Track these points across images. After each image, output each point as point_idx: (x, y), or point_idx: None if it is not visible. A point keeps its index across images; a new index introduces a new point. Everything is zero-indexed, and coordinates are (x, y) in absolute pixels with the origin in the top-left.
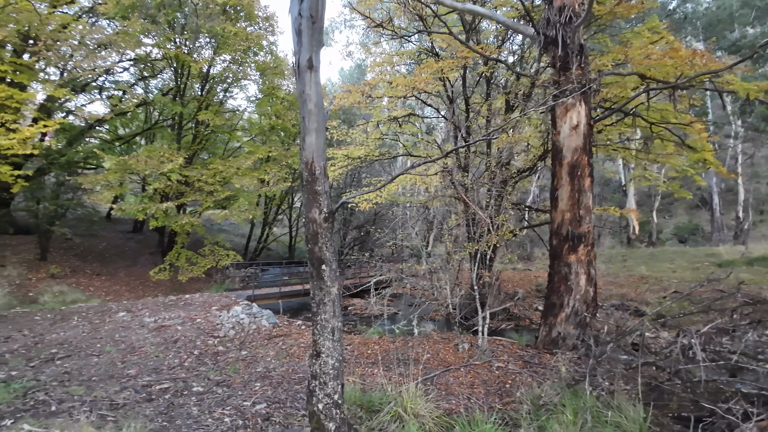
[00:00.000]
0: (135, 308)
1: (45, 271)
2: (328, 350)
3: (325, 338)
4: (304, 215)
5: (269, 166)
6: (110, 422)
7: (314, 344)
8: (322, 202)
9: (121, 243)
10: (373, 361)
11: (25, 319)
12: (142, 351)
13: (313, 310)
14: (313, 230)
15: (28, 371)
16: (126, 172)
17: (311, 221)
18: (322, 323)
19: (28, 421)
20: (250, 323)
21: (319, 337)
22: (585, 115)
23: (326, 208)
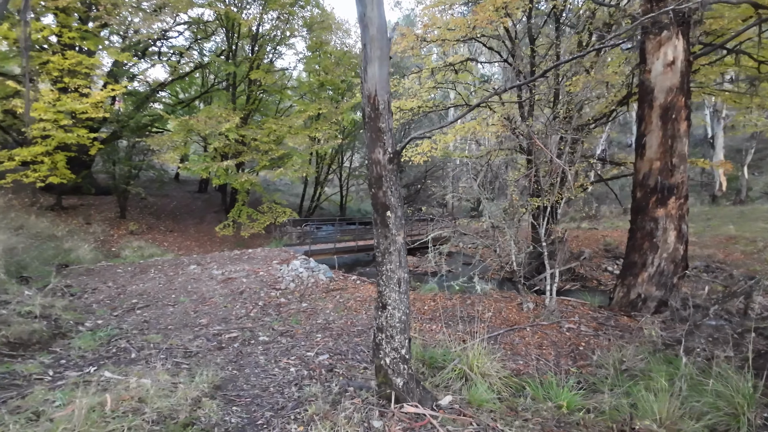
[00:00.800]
0: (204, 262)
1: (125, 228)
2: (395, 302)
3: (391, 290)
4: (366, 156)
5: (319, 123)
6: (184, 370)
7: (379, 296)
8: (386, 141)
9: (189, 202)
10: (431, 317)
11: (110, 272)
12: (212, 301)
13: (377, 260)
14: (377, 173)
15: (112, 320)
16: (188, 133)
17: (374, 163)
18: (388, 274)
19: (109, 368)
20: (308, 277)
21: (384, 289)
22: (683, 50)
23: (390, 148)
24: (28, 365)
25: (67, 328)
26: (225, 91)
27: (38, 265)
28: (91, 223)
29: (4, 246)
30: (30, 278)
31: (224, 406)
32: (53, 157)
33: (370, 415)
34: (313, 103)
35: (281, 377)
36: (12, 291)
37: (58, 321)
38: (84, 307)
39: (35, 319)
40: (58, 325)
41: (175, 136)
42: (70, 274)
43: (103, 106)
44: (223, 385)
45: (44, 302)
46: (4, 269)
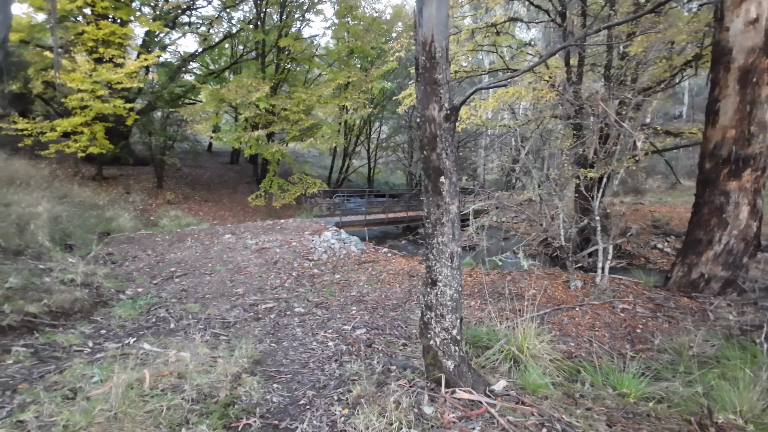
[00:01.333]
0: (238, 231)
1: (162, 198)
2: (446, 278)
3: (443, 265)
4: (419, 114)
5: (348, 92)
6: (223, 342)
7: (429, 271)
8: (442, 96)
9: (222, 173)
10: (469, 293)
11: (149, 240)
12: (247, 271)
13: (426, 232)
14: (430, 132)
15: (152, 288)
16: (219, 102)
17: (428, 121)
18: (439, 247)
19: (149, 339)
20: (340, 248)
21: (435, 263)
22: None
23: (447, 103)
24: (68, 335)
25: (108, 296)
26: (254, 61)
27: (81, 233)
28: (130, 192)
29: (50, 214)
30: (74, 246)
31: (264, 383)
32: (92, 128)
33: (420, 399)
34: (342, 71)
35: (320, 352)
36: (56, 258)
37: (99, 289)
38: (125, 275)
39: (77, 287)
40: (99, 293)
41: (206, 106)
42: (111, 242)
43: (137, 76)
44: (262, 359)
45: (86, 270)
46: (50, 237)
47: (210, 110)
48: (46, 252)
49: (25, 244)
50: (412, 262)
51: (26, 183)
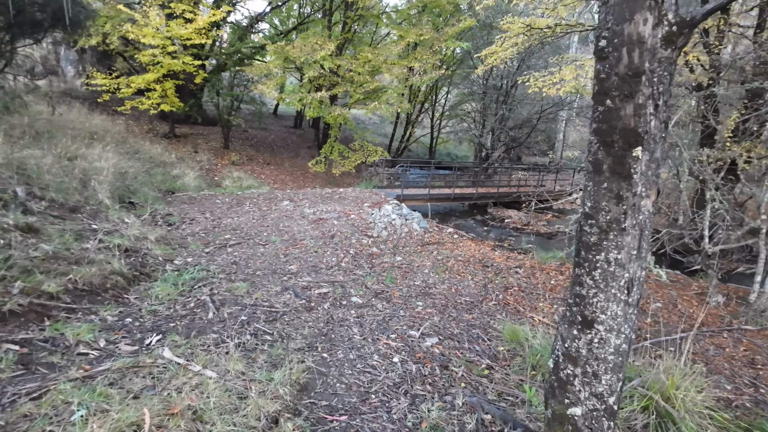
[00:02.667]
0: (296, 198)
1: (227, 159)
2: (614, 319)
3: (611, 297)
4: (604, 35)
5: (418, 52)
6: (265, 346)
7: (579, 301)
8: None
9: (286, 136)
10: (563, 297)
11: (209, 202)
12: (303, 244)
13: (585, 238)
14: (631, 65)
15: (203, 258)
16: (284, 61)
17: (627, 43)
18: (608, 267)
19: (177, 336)
20: (402, 225)
21: (594, 292)
22: None
23: (671, 14)
24: (83, 326)
25: (154, 267)
26: (321, 20)
27: (147, 190)
28: (198, 151)
29: (116, 170)
30: (136, 204)
31: (311, 428)
32: (163, 85)
33: None
34: (412, 28)
35: (383, 373)
36: (113, 217)
37: (146, 257)
38: (179, 239)
39: (121, 254)
40: (144, 263)
41: (271, 65)
42: (174, 201)
43: (207, 32)
44: (310, 383)
45: (138, 233)
46: (112, 194)
47: (275, 69)
48: (105, 210)
49: (85, 200)
50: (483, 247)
51: (102, 138)
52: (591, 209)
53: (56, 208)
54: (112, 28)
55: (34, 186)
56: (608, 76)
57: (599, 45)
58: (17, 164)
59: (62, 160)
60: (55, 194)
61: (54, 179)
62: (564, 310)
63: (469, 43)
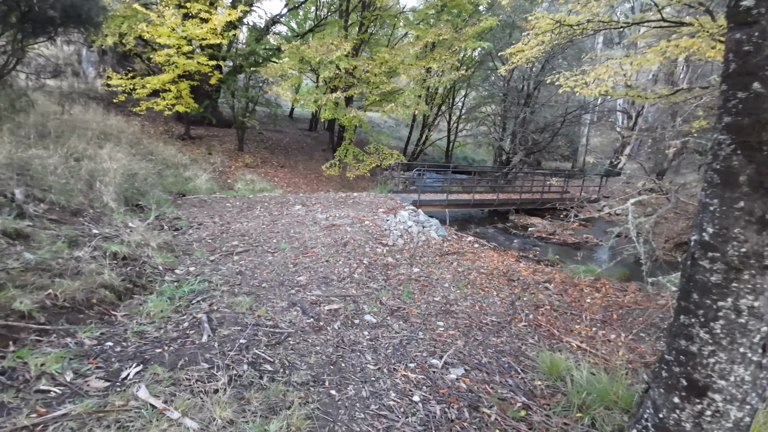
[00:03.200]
0: (309, 203)
1: (241, 161)
2: (738, 386)
3: (735, 355)
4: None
5: (436, 52)
6: (264, 378)
7: (681, 358)
8: None
9: (300, 139)
10: (602, 317)
11: (220, 205)
12: (314, 252)
13: (700, 278)
14: None
15: (206, 267)
16: (300, 62)
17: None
18: (736, 317)
19: (160, 367)
20: (419, 233)
21: (711, 349)
22: None
23: None
24: (51, 354)
25: (151, 277)
26: (337, 20)
27: (157, 192)
28: (212, 153)
29: (125, 171)
30: (144, 206)
31: None
32: (178, 86)
33: None
34: (431, 28)
35: (402, 416)
36: (116, 222)
37: (144, 266)
38: (184, 245)
39: (121, 261)
40: (141, 273)
41: (286, 65)
42: (184, 203)
43: (224, 33)
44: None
45: (140, 239)
46: (119, 196)
47: (290, 70)
48: (109, 213)
49: (89, 203)
50: (506, 258)
51: (116, 139)
52: (714, 237)
53: (56, 212)
54: (129, 28)
55: (35, 187)
56: (758, 48)
57: (741, 4)
58: (20, 164)
59: (69, 160)
60: (58, 196)
61: (58, 180)
62: (657, 369)
63: (490, 43)
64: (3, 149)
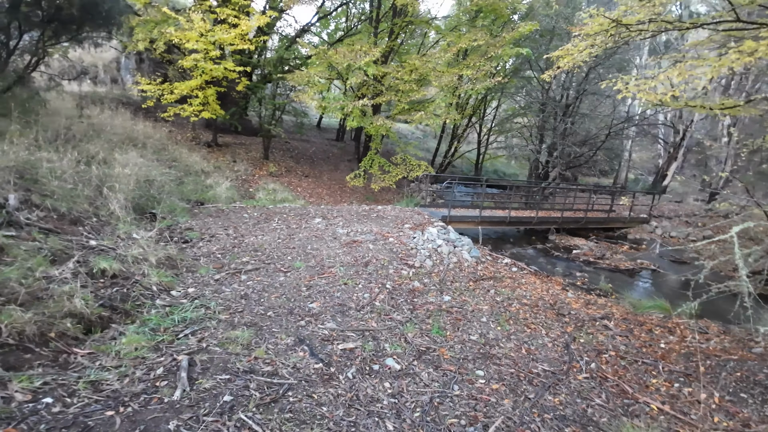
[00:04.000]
0: (330, 215)
1: (265, 169)
2: None
3: None
4: None
5: (471, 59)
6: None
7: None
8: None
9: (327, 149)
10: (685, 370)
11: (237, 216)
12: (331, 273)
13: None
14: None
15: (208, 288)
16: (327, 68)
17: None
18: None
19: None
20: (449, 253)
21: None
22: None
23: None
24: None
25: (140, 300)
26: (367, 26)
27: (175, 200)
28: (236, 161)
29: (140, 177)
30: (157, 215)
31: None
32: (205, 92)
33: None
34: (465, 34)
35: None
36: (119, 232)
37: (134, 287)
38: (190, 260)
39: (109, 280)
40: (127, 296)
41: (312, 70)
42: (200, 213)
43: (251, 39)
44: None
45: (139, 253)
46: (128, 203)
47: (317, 77)
48: (114, 222)
49: (94, 210)
50: (551, 286)
51: (143, 144)
52: None
53: (53, 220)
54: (159, 33)
55: (35, 192)
56: None
57: None
58: (24, 167)
59: (80, 164)
60: (59, 203)
61: (63, 185)
62: None
63: (528, 50)
64: (10, 151)
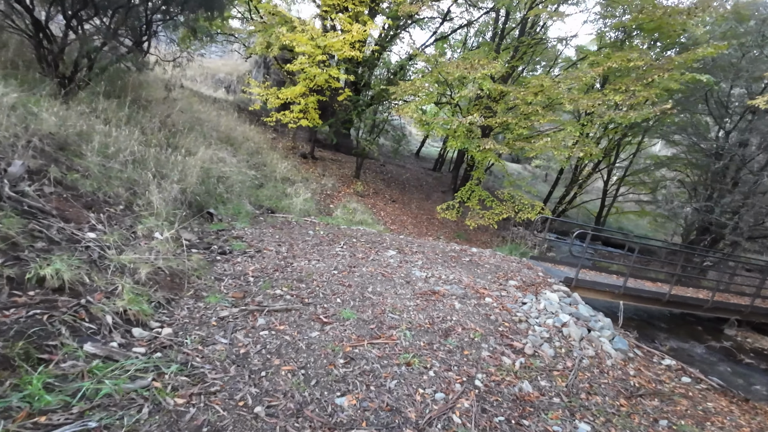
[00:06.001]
0: (408, 249)
1: (352, 187)
2: None
3: None
4: None
5: (623, 81)
6: None
7: None
8: None
9: (421, 177)
10: None
11: (301, 231)
12: (390, 338)
13: None
14: None
15: (197, 332)
16: (436, 83)
17: None
18: None
19: None
20: (580, 339)
21: None
22: None
23: None
24: None
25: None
26: (488, 42)
27: (244, 203)
28: (326, 175)
29: (210, 171)
30: (215, 216)
31: None
32: (307, 99)
33: None
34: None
35: None
36: (142, 228)
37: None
38: (206, 281)
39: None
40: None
41: (417, 82)
42: (264, 221)
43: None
44: None
45: (130, 259)
46: (179, 195)
47: (422, 86)
48: (147, 215)
49: (129, 197)
50: (763, 419)
51: (240, 145)
52: None
53: (62, 199)
54: (275, 38)
55: (62, 164)
56: None
57: None
58: (71, 137)
59: (149, 148)
60: (86, 181)
61: (105, 163)
62: None
63: (710, 77)
64: (53, 117)
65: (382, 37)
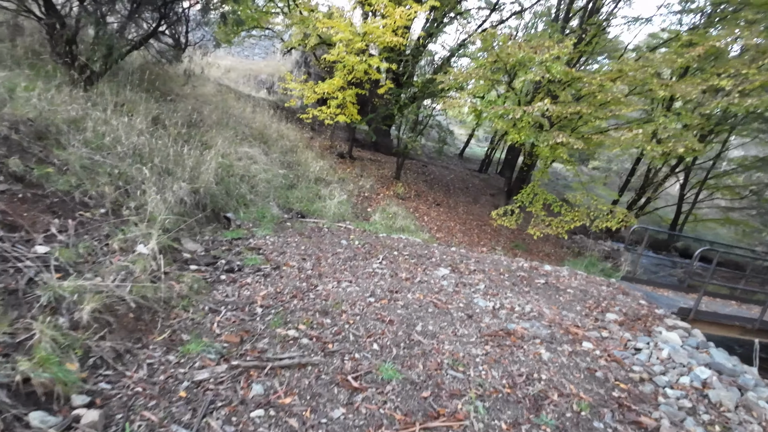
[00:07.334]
0: (465, 267)
1: (392, 189)
2: None
3: None
4: None
5: (731, 63)
6: None
7: None
8: None
9: (467, 179)
10: None
11: (332, 241)
12: (454, 416)
13: None
14: None
15: (175, 412)
16: (491, 71)
17: None
18: None
19: None
20: (727, 400)
21: None
22: None
23: None
24: None
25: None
26: (551, 23)
27: (271, 205)
28: (364, 175)
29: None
30: (232, 221)
31: None
32: (345, 92)
33: None
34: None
35: None
36: (123, 237)
37: None
38: (200, 316)
39: None
40: None
41: (472, 71)
42: (293, 227)
43: (403, 34)
44: None
45: (74, 288)
46: (185, 196)
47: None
48: (137, 221)
49: (117, 198)
50: None
51: (274, 142)
52: None
53: (16, 199)
54: (313, 28)
55: (32, 156)
56: None
57: None
58: (55, 124)
59: (140, 135)
60: (60, 177)
61: (91, 156)
62: None
63: None
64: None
65: (429, 25)
